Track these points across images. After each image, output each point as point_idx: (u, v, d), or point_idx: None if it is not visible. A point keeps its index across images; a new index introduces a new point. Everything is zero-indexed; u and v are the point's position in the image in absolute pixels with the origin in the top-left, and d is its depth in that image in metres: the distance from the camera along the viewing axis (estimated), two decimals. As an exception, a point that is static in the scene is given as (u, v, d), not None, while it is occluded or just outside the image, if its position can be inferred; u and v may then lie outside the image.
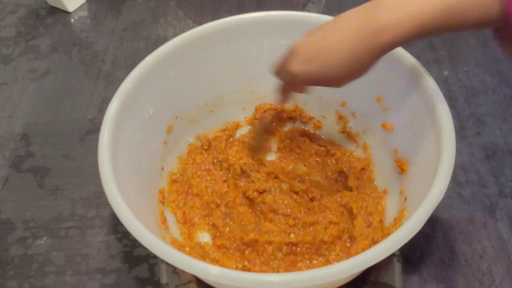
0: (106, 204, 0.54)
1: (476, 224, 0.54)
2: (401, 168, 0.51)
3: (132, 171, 0.48)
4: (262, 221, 0.54)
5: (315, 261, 0.50)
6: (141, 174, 0.50)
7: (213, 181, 0.58)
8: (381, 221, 0.51)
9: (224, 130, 0.62)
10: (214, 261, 0.49)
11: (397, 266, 0.51)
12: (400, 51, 0.50)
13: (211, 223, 0.54)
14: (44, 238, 0.56)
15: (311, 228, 0.52)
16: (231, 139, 0.62)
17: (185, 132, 0.59)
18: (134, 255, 0.54)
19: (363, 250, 0.47)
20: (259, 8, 0.83)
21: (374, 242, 0.49)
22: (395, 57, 0.50)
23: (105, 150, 0.44)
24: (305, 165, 0.60)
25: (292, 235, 0.51)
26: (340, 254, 0.50)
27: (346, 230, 0.51)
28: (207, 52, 0.56)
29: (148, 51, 0.53)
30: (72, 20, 0.85)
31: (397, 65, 0.50)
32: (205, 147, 0.61)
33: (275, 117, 0.63)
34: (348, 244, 0.51)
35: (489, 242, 0.53)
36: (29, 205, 0.59)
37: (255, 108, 0.62)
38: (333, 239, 0.50)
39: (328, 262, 0.50)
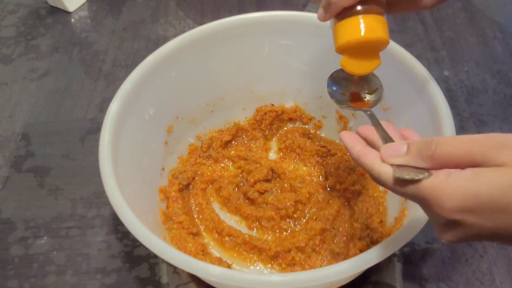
0: (107, 204, 0.54)
1: (476, 224, 0.54)
2: (401, 168, 0.51)
3: (132, 171, 0.48)
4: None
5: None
6: (141, 174, 0.50)
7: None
8: (381, 221, 0.51)
9: (222, 131, 0.62)
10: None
11: (398, 266, 0.51)
12: (400, 51, 0.50)
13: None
14: (45, 238, 0.56)
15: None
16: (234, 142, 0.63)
17: (185, 132, 0.59)
18: (135, 254, 0.54)
19: (361, 251, 0.48)
20: (259, 8, 0.83)
21: (374, 242, 0.49)
22: (395, 57, 0.50)
23: (106, 150, 0.44)
24: (305, 165, 0.60)
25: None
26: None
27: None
28: (208, 52, 0.56)
29: (149, 51, 0.53)
30: (73, 20, 0.85)
31: (398, 65, 0.50)
32: (204, 149, 0.61)
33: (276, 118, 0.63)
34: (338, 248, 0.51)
35: (490, 242, 0.53)
36: (29, 205, 0.59)
37: (256, 110, 0.62)
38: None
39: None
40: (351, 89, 0.45)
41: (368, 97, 0.45)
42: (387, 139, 0.34)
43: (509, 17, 0.80)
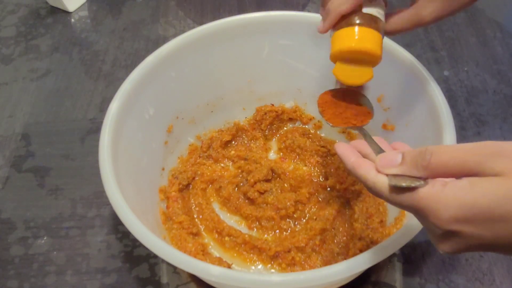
0: (107, 204, 0.54)
1: (476, 224, 0.54)
2: (401, 168, 0.51)
3: (132, 171, 0.48)
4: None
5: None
6: (141, 174, 0.50)
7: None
8: (381, 221, 0.51)
9: (222, 131, 0.62)
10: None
11: (398, 266, 0.51)
12: (400, 51, 0.50)
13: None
14: (45, 238, 0.56)
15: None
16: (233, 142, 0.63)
17: (185, 132, 0.59)
18: (135, 254, 0.54)
19: (361, 251, 0.48)
20: (259, 8, 0.83)
21: (374, 242, 0.49)
22: (395, 57, 0.50)
23: (106, 150, 0.44)
24: (305, 165, 0.60)
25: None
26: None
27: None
28: (208, 52, 0.56)
29: (149, 51, 0.53)
30: (73, 20, 0.85)
31: (398, 65, 0.50)
32: (204, 149, 0.61)
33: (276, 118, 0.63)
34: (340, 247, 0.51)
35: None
36: (29, 205, 0.59)
37: (256, 110, 0.62)
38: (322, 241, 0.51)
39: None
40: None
41: None
42: (380, 152, 0.34)
43: (509, 17, 0.80)
